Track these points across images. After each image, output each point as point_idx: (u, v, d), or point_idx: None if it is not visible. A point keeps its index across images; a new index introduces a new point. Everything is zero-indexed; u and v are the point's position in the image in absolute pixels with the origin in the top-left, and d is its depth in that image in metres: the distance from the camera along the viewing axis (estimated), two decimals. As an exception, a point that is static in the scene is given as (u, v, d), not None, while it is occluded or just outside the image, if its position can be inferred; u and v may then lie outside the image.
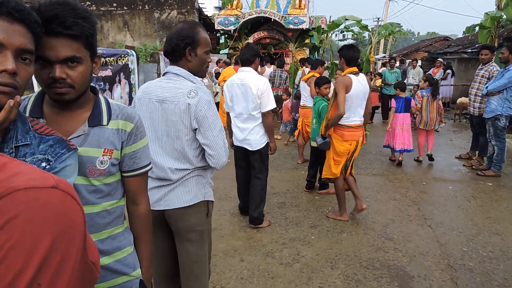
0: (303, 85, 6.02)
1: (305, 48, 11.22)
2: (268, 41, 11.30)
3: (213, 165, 1.93)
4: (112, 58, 6.39)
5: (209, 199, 2.05)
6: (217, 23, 10.75)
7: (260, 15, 10.34)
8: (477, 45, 11.70)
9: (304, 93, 6.00)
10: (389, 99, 9.77)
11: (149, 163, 1.41)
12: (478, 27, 10.07)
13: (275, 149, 3.81)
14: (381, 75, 10.88)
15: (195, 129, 1.87)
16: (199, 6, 10.91)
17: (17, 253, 0.49)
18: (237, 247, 3.42)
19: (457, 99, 10.76)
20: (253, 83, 3.47)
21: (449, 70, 11.81)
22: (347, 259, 3.23)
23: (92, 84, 1.26)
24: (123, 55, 6.73)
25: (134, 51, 7.32)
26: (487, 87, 5.38)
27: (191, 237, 2.02)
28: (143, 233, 1.44)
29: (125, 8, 10.67)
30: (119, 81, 6.65)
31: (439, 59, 12.50)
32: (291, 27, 10.41)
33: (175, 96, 1.86)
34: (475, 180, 5.43)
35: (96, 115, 1.24)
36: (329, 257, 3.26)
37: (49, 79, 1.09)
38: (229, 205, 4.39)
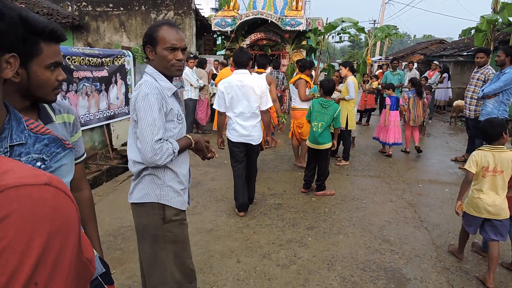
0: (291, 87, 6.04)
1: (302, 49, 11.25)
2: (265, 42, 11.31)
3: (141, 160, 1.86)
4: (108, 58, 6.37)
5: (165, 203, 1.93)
6: (214, 24, 10.73)
7: (257, 16, 10.35)
8: (472, 48, 11.78)
9: (293, 95, 6.02)
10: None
11: (85, 152, 1.52)
12: (474, 30, 10.14)
13: (273, 141, 4.15)
14: (377, 77, 10.90)
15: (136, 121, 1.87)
16: (195, 7, 10.86)
17: (12, 253, 0.47)
18: (234, 248, 3.41)
19: (453, 102, 10.79)
20: (255, 84, 3.79)
21: (446, 73, 11.79)
22: (344, 261, 3.23)
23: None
24: (119, 56, 6.71)
25: (130, 51, 7.30)
26: (483, 90, 5.41)
27: (145, 237, 1.99)
28: (89, 215, 1.56)
29: (122, 8, 10.62)
30: (116, 82, 6.63)
31: (434, 61, 12.53)
32: (288, 28, 10.43)
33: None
34: (470, 182, 5.44)
35: (44, 113, 1.25)
36: (326, 259, 3.26)
37: None
38: (225, 206, 4.37)
